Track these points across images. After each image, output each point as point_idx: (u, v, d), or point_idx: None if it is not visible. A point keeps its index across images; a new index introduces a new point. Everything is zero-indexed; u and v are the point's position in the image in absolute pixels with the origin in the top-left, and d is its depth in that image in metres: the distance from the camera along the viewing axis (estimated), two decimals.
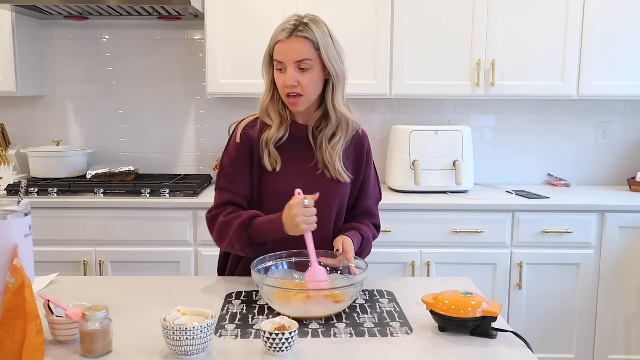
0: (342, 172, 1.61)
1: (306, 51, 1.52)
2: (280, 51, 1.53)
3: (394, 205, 2.67)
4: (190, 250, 2.70)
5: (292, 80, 1.52)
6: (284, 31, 1.53)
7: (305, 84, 1.53)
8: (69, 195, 2.73)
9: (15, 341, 1.10)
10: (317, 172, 1.61)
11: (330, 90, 1.59)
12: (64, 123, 3.24)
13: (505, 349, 1.19)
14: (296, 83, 1.52)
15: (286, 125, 1.61)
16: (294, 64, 1.52)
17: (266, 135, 1.59)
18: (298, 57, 1.51)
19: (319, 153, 1.61)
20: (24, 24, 2.95)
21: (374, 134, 3.20)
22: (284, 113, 1.61)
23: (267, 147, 1.58)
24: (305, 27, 1.53)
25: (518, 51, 2.88)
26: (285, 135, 1.60)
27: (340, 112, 1.60)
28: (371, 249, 1.72)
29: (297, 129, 1.63)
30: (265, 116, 1.62)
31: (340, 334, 1.25)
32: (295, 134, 1.62)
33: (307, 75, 1.53)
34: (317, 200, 1.48)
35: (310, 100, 1.58)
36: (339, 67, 1.58)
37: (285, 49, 1.52)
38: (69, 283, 1.59)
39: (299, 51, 1.51)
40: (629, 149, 3.28)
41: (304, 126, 1.63)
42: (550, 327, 2.76)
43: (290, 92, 1.54)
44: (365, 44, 2.86)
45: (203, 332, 1.10)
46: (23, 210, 1.20)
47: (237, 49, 2.86)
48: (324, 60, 1.54)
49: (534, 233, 2.70)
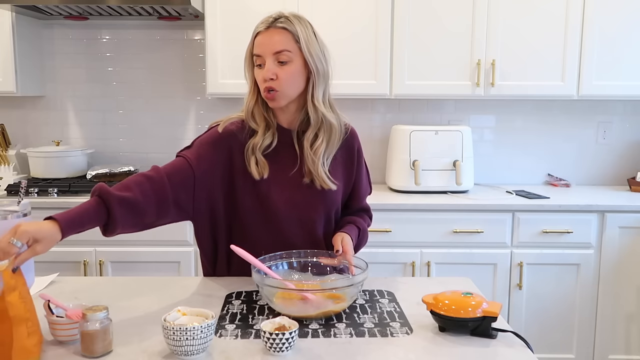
0: (326, 180, 1.53)
1: (285, 42, 1.45)
2: (258, 44, 1.48)
3: (394, 205, 2.67)
4: (190, 250, 2.70)
5: (269, 72, 1.44)
6: (262, 23, 1.49)
7: (282, 76, 1.45)
8: (69, 195, 2.73)
9: (2, 343, 1.09)
10: (304, 179, 1.54)
11: (311, 88, 1.50)
12: (64, 123, 3.24)
13: (505, 349, 1.19)
14: (274, 76, 1.45)
15: (273, 130, 1.53)
16: (272, 55, 1.45)
17: (252, 142, 1.51)
18: (276, 47, 1.45)
19: (302, 159, 1.54)
20: (24, 24, 2.95)
21: (374, 134, 3.21)
22: (268, 116, 1.53)
23: (254, 154, 1.50)
24: (286, 20, 1.48)
25: (518, 51, 2.88)
26: (273, 142, 1.52)
27: (321, 112, 1.51)
28: (368, 237, 1.71)
29: (281, 133, 1.55)
30: (250, 119, 1.53)
31: (340, 334, 1.25)
32: (279, 139, 1.54)
33: (286, 68, 1.46)
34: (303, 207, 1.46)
35: (288, 95, 1.49)
36: (321, 63, 1.49)
37: (263, 41, 1.47)
38: (69, 283, 1.59)
39: (277, 42, 1.45)
40: (629, 149, 3.28)
41: (288, 130, 1.56)
42: (550, 327, 2.76)
43: (268, 86, 1.45)
44: (365, 44, 2.86)
45: (203, 332, 1.10)
46: (23, 210, 1.20)
47: (237, 49, 2.84)
48: (304, 53, 1.46)
49: (534, 233, 2.70)
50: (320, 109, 1.51)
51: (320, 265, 1.51)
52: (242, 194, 1.53)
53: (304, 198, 1.54)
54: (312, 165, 1.52)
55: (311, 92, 1.50)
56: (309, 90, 1.51)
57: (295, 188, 1.54)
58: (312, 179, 1.54)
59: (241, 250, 1.39)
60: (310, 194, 1.55)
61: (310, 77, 1.50)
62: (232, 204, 1.55)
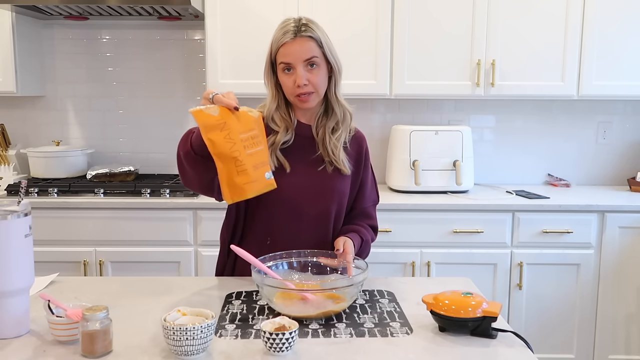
0: (345, 163, 1.64)
1: (313, 49, 1.55)
2: (286, 53, 1.55)
3: (394, 205, 2.67)
4: (190, 250, 2.70)
5: (302, 79, 1.55)
6: (287, 33, 1.55)
7: (315, 81, 1.57)
8: (69, 195, 2.73)
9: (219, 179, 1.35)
10: (319, 168, 1.63)
11: (333, 85, 1.63)
12: (64, 123, 3.24)
13: (505, 349, 1.19)
14: (307, 82, 1.56)
15: (291, 129, 1.63)
16: (302, 63, 1.55)
17: (272, 140, 1.60)
18: (307, 55, 1.55)
19: (322, 147, 1.64)
20: (24, 24, 2.95)
21: (374, 134, 3.21)
22: (287, 117, 1.63)
23: (274, 152, 1.60)
24: (307, 27, 1.56)
25: (518, 51, 2.88)
26: (290, 139, 1.63)
27: (342, 105, 1.65)
28: (369, 251, 1.73)
29: (300, 128, 1.65)
30: (270, 122, 1.63)
31: (340, 334, 1.25)
32: (298, 133, 1.64)
33: (316, 72, 1.57)
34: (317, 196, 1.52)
35: (320, 95, 1.61)
36: (338, 61, 1.62)
37: (292, 50, 1.55)
38: (69, 283, 1.59)
39: (306, 50, 1.55)
40: (629, 149, 3.28)
41: (307, 125, 1.66)
42: (550, 327, 2.76)
43: (302, 91, 1.56)
44: (365, 44, 2.86)
45: (203, 332, 1.10)
46: (23, 210, 1.20)
47: (237, 49, 2.86)
48: (327, 56, 1.58)
49: (534, 233, 2.70)
50: (341, 102, 1.66)
51: (320, 265, 1.52)
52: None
53: (321, 186, 1.62)
54: (334, 150, 1.63)
55: (333, 90, 1.64)
56: (332, 88, 1.64)
57: (313, 175, 1.62)
58: (328, 166, 1.63)
59: (241, 250, 1.42)
60: (326, 181, 1.63)
61: (332, 76, 1.62)
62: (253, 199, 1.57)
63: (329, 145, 1.63)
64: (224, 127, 1.33)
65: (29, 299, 1.25)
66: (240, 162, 1.34)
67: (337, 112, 1.65)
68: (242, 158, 1.34)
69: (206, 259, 2.67)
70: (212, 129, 1.32)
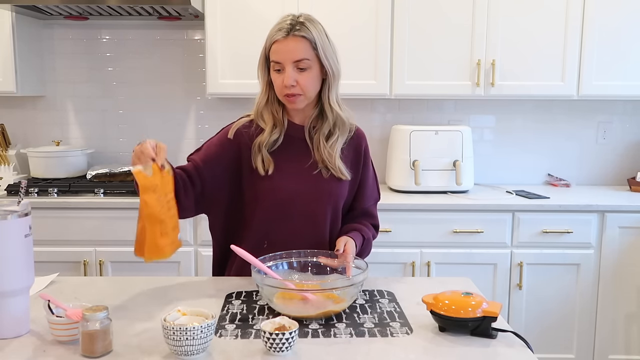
0: (343, 170, 1.60)
1: (304, 50, 1.50)
2: (277, 51, 1.51)
3: (394, 205, 2.67)
4: (190, 250, 2.70)
5: (290, 80, 1.50)
6: (280, 30, 1.51)
7: (303, 83, 1.52)
8: (69, 195, 2.73)
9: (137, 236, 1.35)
10: (314, 172, 1.60)
11: (327, 89, 1.58)
12: (64, 123, 3.24)
13: (505, 349, 1.19)
14: (295, 83, 1.51)
15: (280, 128, 1.59)
16: (292, 63, 1.50)
17: (259, 139, 1.57)
18: (296, 56, 1.50)
19: (317, 152, 1.60)
20: (24, 24, 2.95)
21: (374, 134, 3.21)
22: (278, 115, 1.60)
23: (260, 151, 1.57)
24: (302, 26, 1.51)
25: (518, 51, 2.88)
26: (280, 138, 1.59)
27: (337, 112, 1.59)
28: (371, 249, 1.72)
29: (293, 129, 1.62)
30: (259, 118, 1.61)
31: (340, 334, 1.25)
32: (291, 135, 1.61)
33: (306, 74, 1.52)
34: (311, 199, 1.50)
35: (309, 98, 1.56)
36: (335, 65, 1.57)
37: (282, 49, 1.51)
38: (69, 283, 1.59)
39: (297, 50, 1.50)
40: (629, 149, 3.28)
41: (300, 126, 1.62)
42: (550, 327, 2.76)
43: (289, 92, 1.52)
44: (365, 44, 2.86)
45: (203, 332, 1.10)
46: (23, 210, 1.20)
47: (237, 48, 2.86)
48: (321, 59, 1.52)
49: (534, 233, 2.70)
50: (335, 109, 1.59)
51: (320, 266, 1.51)
52: (257, 189, 1.59)
53: (315, 189, 1.58)
54: (329, 158, 1.58)
55: (327, 94, 1.58)
56: (325, 92, 1.58)
57: (307, 179, 1.59)
58: (324, 171, 1.59)
59: (241, 250, 1.41)
60: (321, 184, 1.59)
61: (327, 80, 1.57)
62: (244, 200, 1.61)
63: (323, 152, 1.59)
64: (156, 189, 1.35)
65: (28, 299, 1.25)
66: (165, 225, 1.37)
67: (329, 119, 1.59)
68: (167, 221, 1.37)
69: (206, 259, 2.67)
70: (147, 190, 1.35)
